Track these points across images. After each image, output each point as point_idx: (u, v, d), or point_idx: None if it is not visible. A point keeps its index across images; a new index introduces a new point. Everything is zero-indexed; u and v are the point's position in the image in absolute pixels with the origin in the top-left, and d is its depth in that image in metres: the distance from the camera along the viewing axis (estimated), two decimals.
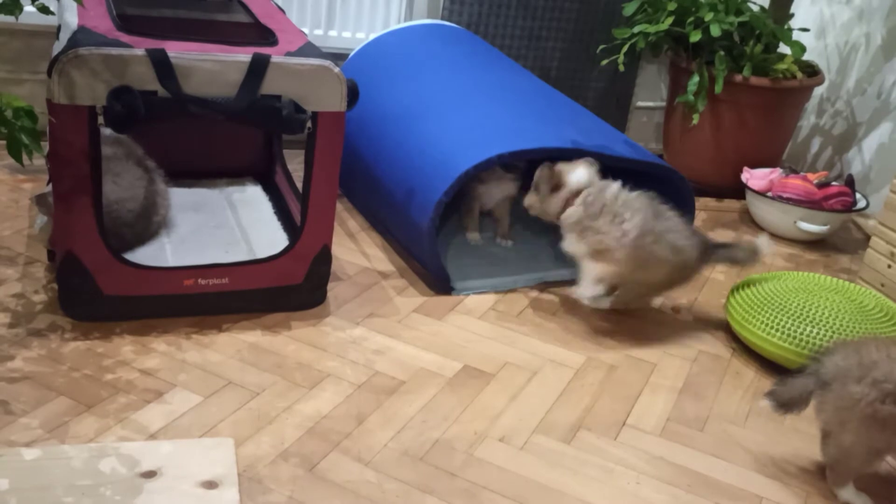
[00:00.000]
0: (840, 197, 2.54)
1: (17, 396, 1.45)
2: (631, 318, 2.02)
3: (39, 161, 2.26)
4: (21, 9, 1.35)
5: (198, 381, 1.56)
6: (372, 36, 2.55)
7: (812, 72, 2.82)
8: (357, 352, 1.73)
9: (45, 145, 1.62)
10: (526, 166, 2.13)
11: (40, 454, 1.30)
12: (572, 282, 2.15)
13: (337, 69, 1.67)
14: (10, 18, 1.37)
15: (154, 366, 1.59)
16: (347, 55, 2.56)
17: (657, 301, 2.11)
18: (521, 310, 1.99)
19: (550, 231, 2.14)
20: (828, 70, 3.04)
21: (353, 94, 1.71)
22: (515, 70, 2.44)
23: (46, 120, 1.54)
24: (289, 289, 1.81)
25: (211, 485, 1.28)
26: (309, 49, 1.71)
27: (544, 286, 2.13)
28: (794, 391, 1.47)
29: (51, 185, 1.72)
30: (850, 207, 2.55)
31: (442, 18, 2.77)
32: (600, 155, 2.03)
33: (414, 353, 1.75)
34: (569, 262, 2.20)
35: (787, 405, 1.48)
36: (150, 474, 1.29)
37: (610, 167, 2.11)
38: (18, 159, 1.35)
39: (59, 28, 1.83)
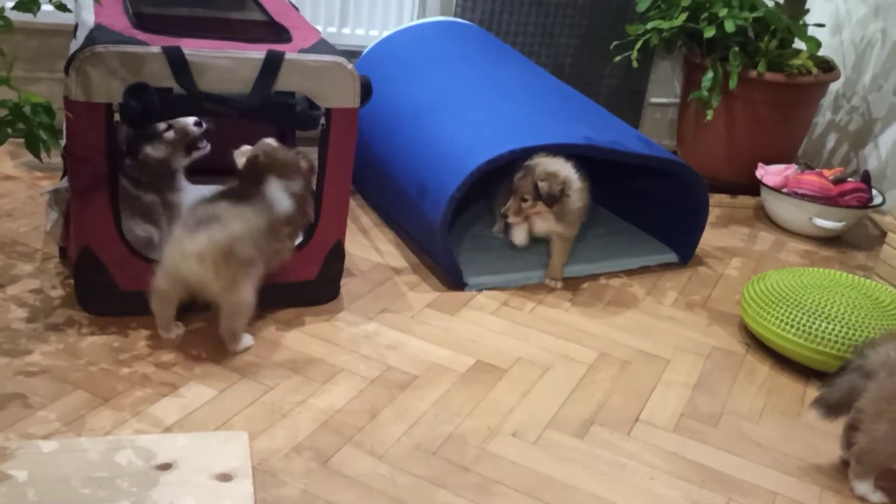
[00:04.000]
0: (856, 193, 2.52)
1: (36, 390, 1.47)
2: (644, 314, 2.01)
3: (57, 159, 2.28)
4: (39, 6, 1.36)
5: (212, 375, 1.58)
6: (385, 33, 2.55)
7: (827, 67, 2.80)
8: (370, 347, 1.74)
9: (62, 142, 1.63)
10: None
11: (57, 447, 1.32)
12: (584, 278, 2.15)
13: (350, 65, 1.68)
14: (28, 17, 1.39)
15: (169, 360, 1.60)
16: (361, 52, 2.56)
17: (670, 297, 2.11)
18: (533, 306, 1.99)
19: None
20: (843, 66, 3.02)
21: (366, 91, 1.72)
22: (528, 67, 2.44)
23: (63, 117, 1.55)
24: (302, 284, 1.82)
25: (225, 477, 1.29)
26: (322, 46, 1.71)
27: None
28: (841, 391, 1.46)
29: (65, 180, 1.74)
30: (865, 204, 2.53)
31: (455, 16, 2.78)
32: (614, 151, 2.03)
33: (426, 349, 1.76)
34: (581, 258, 2.20)
35: (835, 407, 1.47)
36: (165, 466, 1.30)
37: (623, 163, 2.11)
38: (36, 154, 1.37)
39: (76, 26, 1.84)
